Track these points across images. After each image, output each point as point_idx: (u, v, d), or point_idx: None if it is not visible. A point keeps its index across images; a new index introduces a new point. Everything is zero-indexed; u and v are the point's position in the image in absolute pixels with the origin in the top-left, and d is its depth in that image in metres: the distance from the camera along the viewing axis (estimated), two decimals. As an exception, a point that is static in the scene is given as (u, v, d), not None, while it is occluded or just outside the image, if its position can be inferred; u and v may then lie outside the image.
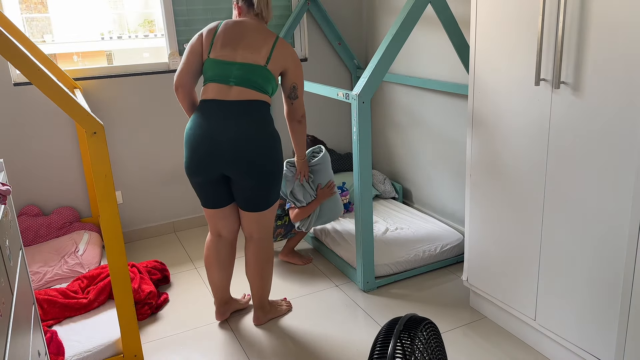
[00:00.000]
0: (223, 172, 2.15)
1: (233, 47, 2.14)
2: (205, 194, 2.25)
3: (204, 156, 2.12)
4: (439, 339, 1.35)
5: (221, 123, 2.10)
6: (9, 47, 1.62)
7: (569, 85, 1.77)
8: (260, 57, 2.14)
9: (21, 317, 1.56)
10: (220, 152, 2.10)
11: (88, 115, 1.79)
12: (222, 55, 2.13)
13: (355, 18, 3.84)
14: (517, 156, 2.04)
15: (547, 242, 1.97)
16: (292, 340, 2.31)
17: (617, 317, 1.75)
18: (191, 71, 2.20)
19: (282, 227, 2.93)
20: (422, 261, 2.83)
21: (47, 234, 3.06)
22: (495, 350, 2.17)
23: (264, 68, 2.13)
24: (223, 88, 2.13)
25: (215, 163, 2.12)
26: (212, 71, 2.15)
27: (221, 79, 2.13)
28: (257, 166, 2.13)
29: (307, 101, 3.82)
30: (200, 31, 2.22)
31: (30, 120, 3.05)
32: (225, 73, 2.12)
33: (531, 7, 1.86)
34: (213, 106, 2.13)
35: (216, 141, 2.09)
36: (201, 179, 2.18)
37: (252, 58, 2.13)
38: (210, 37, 2.18)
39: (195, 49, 2.20)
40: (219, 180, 2.19)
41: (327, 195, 2.78)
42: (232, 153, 2.10)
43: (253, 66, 2.12)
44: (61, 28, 3.15)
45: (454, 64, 2.97)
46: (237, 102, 2.12)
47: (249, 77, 2.12)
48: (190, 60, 2.20)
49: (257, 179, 2.15)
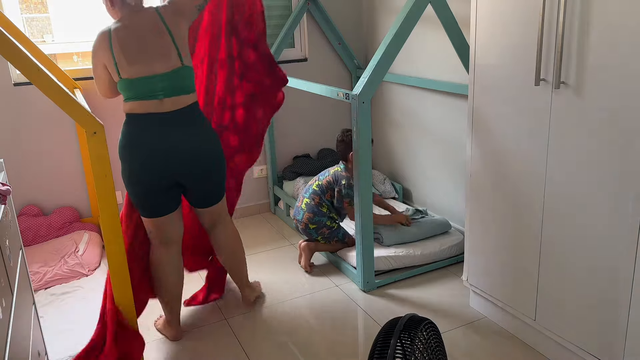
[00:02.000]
0: (179, 180, 2.13)
1: (142, 61, 1.99)
2: (156, 205, 2.15)
3: (158, 166, 2.06)
4: (439, 339, 1.35)
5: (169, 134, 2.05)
6: (9, 47, 1.62)
7: (569, 85, 1.77)
8: (173, 58, 2.02)
9: (21, 317, 1.56)
10: (178, 162, 2.08)
11: (88, 115, 1.78)
12: (136, 72, 1.99)
13: (355, 18, 3.84)
14: (517, 156, 2.04)
15: (547, 242, 1.97)
16: (292, 340, 2.31)
17: (617, 317, 1.75)
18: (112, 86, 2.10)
19: (329, 229, 2.93)
20: (422, 259, 2.84)
21: (47, 234, 3.06)
22: (495, 350, 2.18)
23: (183, 68, 2.05)
24: (154, 103, 2.02)
25: (170, 172, 2.09)
26: (133, 91, 2.01)
27: (147, 95, 2.01)
28: (216, 167, 2.19)
29: (308, 101, 3.82)
30: (93, 50, 2.04)
31: (30, 120, 3.05)
32: (149, 89, 2.00)
33: (531, 7, 1.86)
34: (152, 119, 2.04)
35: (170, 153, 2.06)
36: (154, 192, 2.11)
37: (167, 64, 2.01)
38: (108, 54, 2.00)
39: (101, 74, 2.06)
40: (170, 186, 2.14)
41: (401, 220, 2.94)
42: (191, 161, 2.10)
43: (174, 73, 2.03)
44: (61, 28, 3.15)
45: (454, 64, 2.97)
46: (174, 112, 2.05)
47: (176, 84, 2.04)
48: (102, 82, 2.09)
49: (216, 176, 2.22)
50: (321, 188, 2.95)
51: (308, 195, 2.98)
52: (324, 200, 2.94)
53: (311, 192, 2.97)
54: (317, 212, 2.92)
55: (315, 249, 2.96)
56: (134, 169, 2.07)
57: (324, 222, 2.92)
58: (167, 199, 2.16)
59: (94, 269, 2.82)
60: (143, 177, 2.07)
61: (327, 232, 2.93)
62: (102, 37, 2.02)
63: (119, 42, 1.99)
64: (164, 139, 2.05)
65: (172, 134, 2.05)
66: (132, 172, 2.08)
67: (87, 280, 2.70)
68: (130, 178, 2.09)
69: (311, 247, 2.95)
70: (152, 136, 2.04)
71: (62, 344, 2.15)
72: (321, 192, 2.94)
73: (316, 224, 2.92)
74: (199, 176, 2.16)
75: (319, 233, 2.93)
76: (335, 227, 2.95)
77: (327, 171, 3.00)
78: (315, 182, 3.00)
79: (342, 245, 2.97)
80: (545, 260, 2.00)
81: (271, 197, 3.81)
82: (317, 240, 2.96)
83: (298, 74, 3.70)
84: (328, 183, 2.94)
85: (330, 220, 2.93)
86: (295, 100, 3.78)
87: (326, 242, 2.95)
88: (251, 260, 3.05)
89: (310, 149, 3.95)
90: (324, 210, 2.93)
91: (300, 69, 3.75)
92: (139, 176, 2.08)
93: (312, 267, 2.94)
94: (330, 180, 2.93)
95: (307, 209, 2.95)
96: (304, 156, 3.88)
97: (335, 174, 2.93)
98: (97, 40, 2.04)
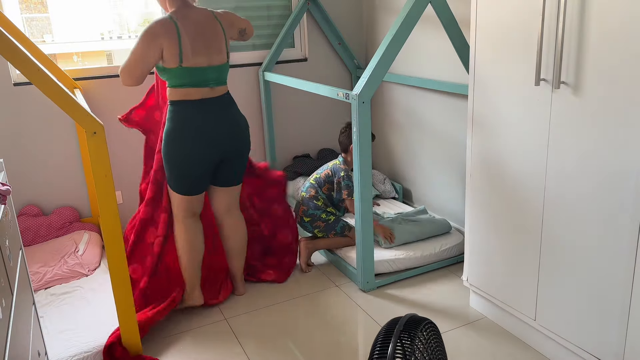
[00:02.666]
0: (226, 155, 2.45)
1: (205, 54, 2.31)
2: (198, 183, 2.46)
3: (215, 143, 2.39)
4: (439, 339, 1.35)
5: (219, 115, 2.40)
6: (9, 47, 1.62)
7: (569, 85, 1.77)
8: (224, 55, 2.40)
9: (21, 317, 1.56)
10: (228, 138, 2.43)
11: (88, 115, 1.79)
12: (196, 63, 2.29)
13: (355, 18, 3.84)
14: (517, 156, 2.04)
15: (547, 242, 1.97)
16: (292, 340, 2.31)
17: (617, 317, 1.75)
18: (147, 72, 2.31)
19: (325, 222, 2.93)
20: (422, 261, 2.83)
21: (47, 234, 3.06)
22: (495, 350, 2.17)
23: (227, 64, 2.45)
24: (207, 90, 2.36)
25: (222, 148, 2.42)
26: (189, 79, 2.31)
27: (200, 84, 2.33)
28: (248, 144, 2.57)
29: (308, 101, 3.82)
30: (151, 34, 2.22)
31: (30, 120, 3.05)
32: (204, 78, 2.34)
33: (531, 7, 1.86)
34: (207, 103, 2.37)
35: (221, 131, 2.40)
36: (203, 169, 2.42)
37: (220, 59, 2.38)
38: (175, 43, 2.24)
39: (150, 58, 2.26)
40: (216, 164, 2.46)
41: (384, 232, 2.89)
42: (236, 137, 2.46)
43: (222, 66, 2.41)
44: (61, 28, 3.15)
45: (454, 64, 2.97)
46: (220, 97, 2.42)
47: (222, 76, 2.42)
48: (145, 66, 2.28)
49: (246, 154, 2.59)
50: (318, 181, 2.96)
51: (305, 189, 2.99)
52: (320, 194, 2.94)
53: (308, 186, 2.99)
54: (312, 205, 2.93)
55: (314, 247, 2.95)
56: (191, 148, 2.35)
57: (318, 215, 2.92)
58: (207, 177, 2.48)
59: (94, 269, 2.82)
60: (199, 155, 2.37)
61: (323, 226, 2.92)
62: (169, 26, 2.24)
63: (187, 34, 2.26)
64: (218, 119, 2.39)
65: (221, 115, 2.41)
66: (187, 153, 2.36)
67: (87, 280, 2.70)
68: (184, 159, 2.37)
69: (309, 247, 2.94)
70: (209, 117, 2.37)
71: (62, 344, 2.15)
72: (318, 185, 2.95)
73: (310, 217, 2.93)
74: (238, 151, 2.50)
75: (314, 226, 2.93)
76: (331, 220, 2.93)
77: (326, 165, 3.01)
78: (313, 176, 3.02)
79: (343, 240, 2.93)
80: (545, 260, 2.00)
81: (271, 197, 3.81)
82: (315, 234, 2.96)
83: (298, 74, 3.70)
84: (326, 176, 2.95)
85: (325, 214, 2.93)
86: (295, 100, 3.78)
87: (324, 235, 2.94)
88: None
89: (310, 149, 3.95)
90: (319, 203, 2.94)
91: (300, 69, 3.75)
92: (195, 156, 2.37)
93: (310, 268, 2.94)
94: (329, 173, 2.94)
95: (303, 202, 2.96)
96: (304, 156, 3.88)
97: (333, 167, 2.94)
98: (159, 27, 2.24)
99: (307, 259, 2.93)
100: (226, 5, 3.42)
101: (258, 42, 3.61)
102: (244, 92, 3.57)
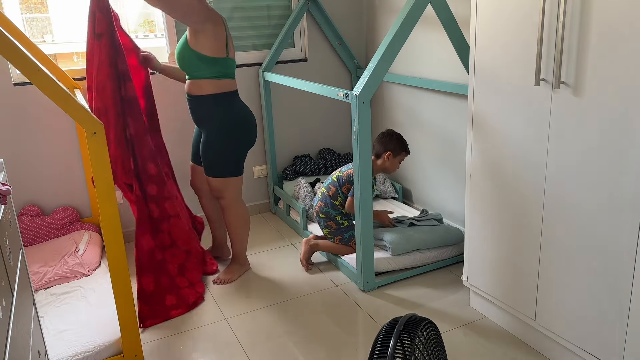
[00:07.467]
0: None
1: (234, 49, 2.63)
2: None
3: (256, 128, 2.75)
4: (439, 339, 1.35)
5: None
6: (9, 47, 1.62)
7: (569, 85, 1.77)
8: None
9: (21, 317, 1.56)
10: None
11: (88, 115, 1.79)
12: (232, 55, 2.60)
13: (355, 18, 3.84)
14: (517, 156, 2.04)
15: (547, 242, 1.97)
16: (292, 340, 2.31)
17: (617, 317, 1.75)
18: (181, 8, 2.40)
19: (337, 224, 2.91)
20: (422, 261, 2.84)
21: (47, 234, 3.06)
22: (495, 350, 2.18)
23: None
24: (236, 81, 2.73)
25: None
26: (231, 69, 2.61)
27: (234, 75, 2.65)
28: None
29: (307, 101, 3.82)
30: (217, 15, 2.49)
31: (30, 120, 3.05)
32: (234, 71, 2.66)
33: (531, 7, 1.86)
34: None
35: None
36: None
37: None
38: (224, 33, 2.53)
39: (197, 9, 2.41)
40: None
41: (384, 220, 2.93)
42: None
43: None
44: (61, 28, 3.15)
45: (454, 64, 2.97)
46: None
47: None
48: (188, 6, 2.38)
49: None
50: (340, 179, 2.89)
51: (326, 185, 2.95)
52: (340, 193, 2.89)
53: (329, 182, 2.94)
54: (329, 204, 2.90)
55: (317, 247, 2.95)
56: (253, 133, 2.67)
57: (333, 215, 2.90)
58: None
59: (94, 269, 2.81)
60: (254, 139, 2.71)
61: (335, 228, 2.90)
62: (221, 19, 2.53)
63: (228, 30, 2.57)
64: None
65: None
66: (251, 138, 2.68)
67: (87, 280, 2.70)
68: (248, 144, 2.68)
69: (312, 245, 2.94)
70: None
71: (62, 344, 2.15)
72: (339, 184, 2.89)
73: (325, 215, 2.91)
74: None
75: (326, 225, 2.92)
76: (344, 225, 2.90)
77: (352, 164, 2.92)
78: (335, 173, 2.95)
79: (345, 248, 2.91)
80: (545, 260, 2.00)
81: (271, 197, 3.81)
82: (324, 233, 2.95)
83: (298, 74, 3.71)
84: (348, 176, 2.87)
85: (340, 216, 2.90)
86: (295, 100, 3.78)
87: (331, 237, 2.93)
88: (251, 260, 3.05)
89: (310, 149, 3.95)
90: (337, 203, 2.89)
91: (300, 69, 3.75)
92: (253, 141, 2.70)
93: (310, 266, 2.94)
94: (351, 173, 2.86)
95: (321, 197, 2.94)
96: (304, 156, 3.88)
97: None
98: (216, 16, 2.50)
99: (309, 256, 2.93)
100: (226, 5, 3.42)
101: (258, 42, 3.62)
102: (244, 92, 3.57)
